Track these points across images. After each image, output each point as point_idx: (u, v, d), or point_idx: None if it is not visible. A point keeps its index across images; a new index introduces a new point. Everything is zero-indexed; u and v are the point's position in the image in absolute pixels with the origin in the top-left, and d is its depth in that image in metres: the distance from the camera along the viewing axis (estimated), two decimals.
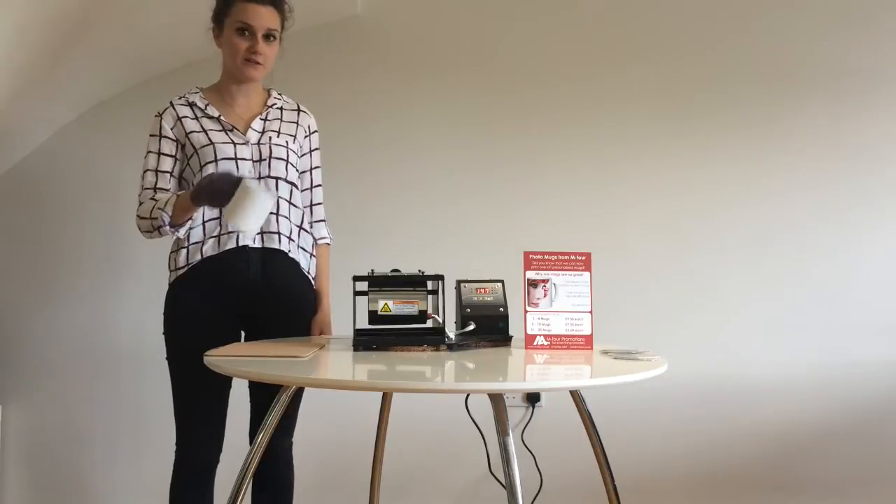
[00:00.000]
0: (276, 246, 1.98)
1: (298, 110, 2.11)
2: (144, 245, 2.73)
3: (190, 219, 1.90)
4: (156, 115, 2.00)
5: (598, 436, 1.81)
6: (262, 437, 1.53)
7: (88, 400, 2.76)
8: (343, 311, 2.08)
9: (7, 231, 2.77)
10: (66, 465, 2.76)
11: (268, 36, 1.94)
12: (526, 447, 2.64)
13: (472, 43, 2.85)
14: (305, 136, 2.10)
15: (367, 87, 2.81)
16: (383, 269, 1.80)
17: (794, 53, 2.81)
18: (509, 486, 1.29)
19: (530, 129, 2.82)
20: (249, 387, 2.01)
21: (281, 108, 2.08)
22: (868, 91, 2.79)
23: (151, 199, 1.94)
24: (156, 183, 1.97)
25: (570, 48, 2.84)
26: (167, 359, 1.98)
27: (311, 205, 2.13)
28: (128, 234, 2.76)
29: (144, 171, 1.98)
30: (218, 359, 1.46)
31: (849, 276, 2.76)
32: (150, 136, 1.99)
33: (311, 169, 2.12)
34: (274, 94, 2.10)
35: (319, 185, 2.15)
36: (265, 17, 1.92)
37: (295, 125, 2.08)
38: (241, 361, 1.45)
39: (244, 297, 1.96)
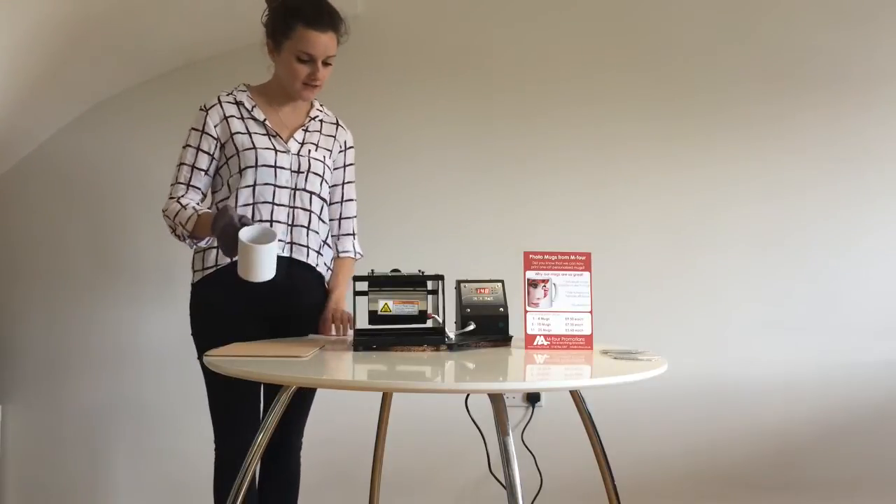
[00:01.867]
0: (303, 259, 2.01)
1: (337, 125, 2.14)
2: (145, 245, 2.74)
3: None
4: (201, 109, 1.99)
5: (598, 436, 1.80)
6: (262, 438, 1.52)
7: (88, 400, 2.76)
8: None
9: (7, 230, 2.77)
10: (66, 465, 2.76)
11: (326, 61, 1.96)
12: (526, 447, 2.64)
13: (473, 42, 2.84)
14: (340, 151, 2.13)
15: (367, 87, 2.81)
16: (383, 269, 1.80)
17: (794, 53, 2.81)
18: (509, 486, 1.29)
19: (530, 128, 2.82)
20: None
21: (321, 122, 2.10)
22: (868, 91, 2.79)
23: (180, 199, 1.95)
24: (190, 179, 1.98)
25: (571, 48, 2.84)
26: (199, 359, 1.97)
27: (341, 218, 2.15)
28: (129, 234, 2.77)
29: (181, 164, 1.99)
30: (218, 359, 1.46)
31: (849, 276, 2.76)
32: (192, 129, 1.99)
33: (344, 183, 2.14)
34: (317, 105, 2.11)
35: (352, 200, 2.16)
36: (326, 46, 1.93)
37: (332, 139, 2.10)
38: (241, 361, 1.45)
39: (270, 300, 1.97)
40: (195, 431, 2.57)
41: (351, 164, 2.16)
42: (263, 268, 1.70)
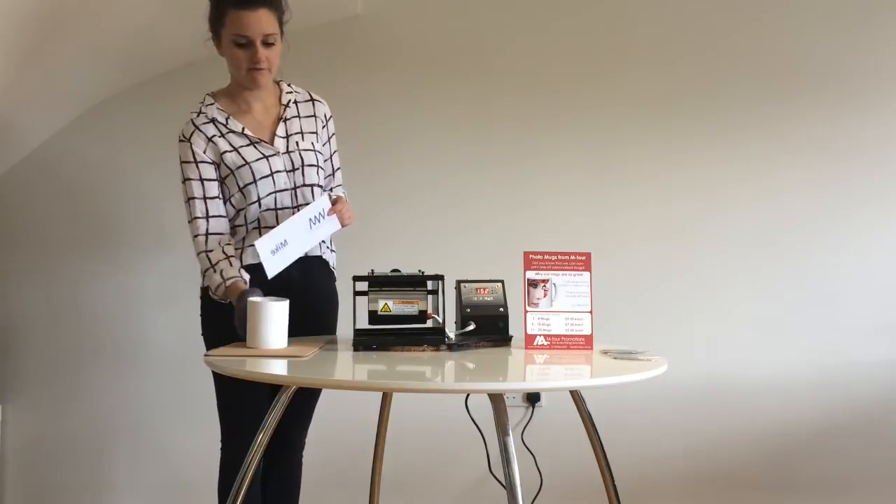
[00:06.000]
0: (316, 253, 2.01)
1: (312, 100, 2.09)
2: (145, 245, 2.74)
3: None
4: (182, 140, 1.95)
5: (598, 436, 1.80)
6: (262, 437, 1.53)
7: (88, 400, 2.76)
8: (343, 312, 2.09)
9: (7, 231, 2.77)
10: (66, 464, 2.75)
11: (266, 41, 1.89)
12: (526, 447, 2.64)
13: (473, 43, 2.84)
14: (323, 126, 2.09)
15: (367, 88, 2.80)
16: (383, 269, 1.80)
17: (793, 54, 2.81)
18: (509, 486, 1.29)
19: (531, 129, 2.81)
20: None
21: (296, 102, 2.05)
22: (867, 91, 2.78)
23: (201, 236, 1.92)
24: (207, 212, 1.93)
25: (571, 49, 2.83)
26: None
27: (333, 188, 2.12)
28: (129, 234, 2.77)
29: (190, 199, 1.94)
30: (218, 359, 1.46)
31: (848, 276, 2.76)
32: (184, 162, 1.94)
33: (332, 154, 2.11)
34: (285, 87, 2.06)
35: (339, 168, 2.14)
36: (260, 23, 1.86)
37: (313, 119, 2.06)
38: (240, 361, 1.45)
39: (283, 295, 1.96)
40: (196, 431, 2.58)
41: (334, 134, 2.13)
42: (275, 330, 1.64)
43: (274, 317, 1.64)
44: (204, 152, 1.94)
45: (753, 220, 2.79)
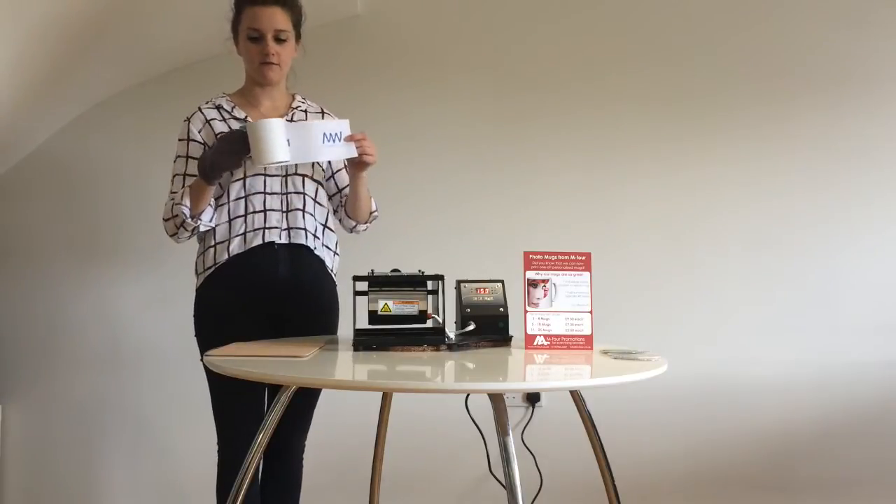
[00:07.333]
0: (302, 241, 1.99)
1: (322, 113, 2.13)
2: (146, 245, 2.74)
3: (210, 205, 1.91)
4: (184, 120, 2.02)
5: (598, 436, 1.80)
6: (262, 437, 1.53)
7: (88, 400, 2.76)
8: (343, 311, 2.09)
9: (7, 231, 2.77)
10: (65, 465, 2.76)
11: (278, 37, 1.95)
12: (526, 447, 2.64)
13: (473, 43, 2.84)
14: None
15: (366, 88, 2.80)
16: (383, 268, 1.80)
17: (792, 54, 2.81)
18: (509, 486, 1.29)
19: (531, 129, 2.82)
20: None
21: (305, 111, 2.09)
22: (867, 91, 2.79)
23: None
24: (183, 186, 1.96)
25: (572, 50, 2.83)
26: (202, 360, 1.97)
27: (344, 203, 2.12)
28: (129, 234, 2.77)
29: (174, 176, 2.00)
30: (218, 359, 1.46)
31: (848, 276, 2.76)
32: (179, 140, 2.01)
33: (345, 167, 2.08)
34: (298, 97, 2.11)
35: None
36: (272, 19, 1.94)
37: None
38: (240, 361, 1.45)
39: (272, 294, 1.97)
40: (194, 432, 2.58)
41: None
42: (276, 143, 1.74)
43: (275, 128, 1.74)
44: (199, 132, 1.99)
45: (753, 220, 2.79)
